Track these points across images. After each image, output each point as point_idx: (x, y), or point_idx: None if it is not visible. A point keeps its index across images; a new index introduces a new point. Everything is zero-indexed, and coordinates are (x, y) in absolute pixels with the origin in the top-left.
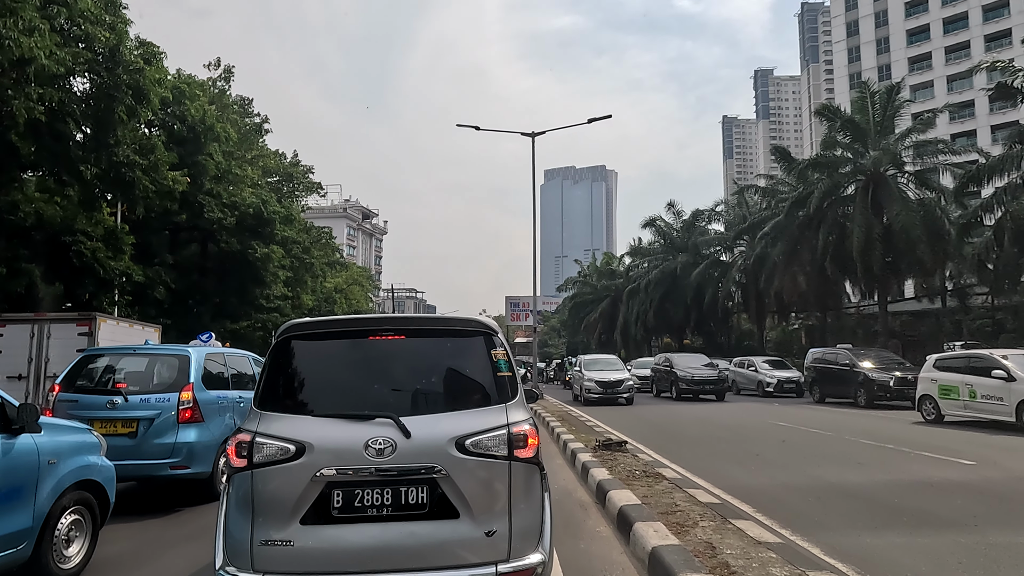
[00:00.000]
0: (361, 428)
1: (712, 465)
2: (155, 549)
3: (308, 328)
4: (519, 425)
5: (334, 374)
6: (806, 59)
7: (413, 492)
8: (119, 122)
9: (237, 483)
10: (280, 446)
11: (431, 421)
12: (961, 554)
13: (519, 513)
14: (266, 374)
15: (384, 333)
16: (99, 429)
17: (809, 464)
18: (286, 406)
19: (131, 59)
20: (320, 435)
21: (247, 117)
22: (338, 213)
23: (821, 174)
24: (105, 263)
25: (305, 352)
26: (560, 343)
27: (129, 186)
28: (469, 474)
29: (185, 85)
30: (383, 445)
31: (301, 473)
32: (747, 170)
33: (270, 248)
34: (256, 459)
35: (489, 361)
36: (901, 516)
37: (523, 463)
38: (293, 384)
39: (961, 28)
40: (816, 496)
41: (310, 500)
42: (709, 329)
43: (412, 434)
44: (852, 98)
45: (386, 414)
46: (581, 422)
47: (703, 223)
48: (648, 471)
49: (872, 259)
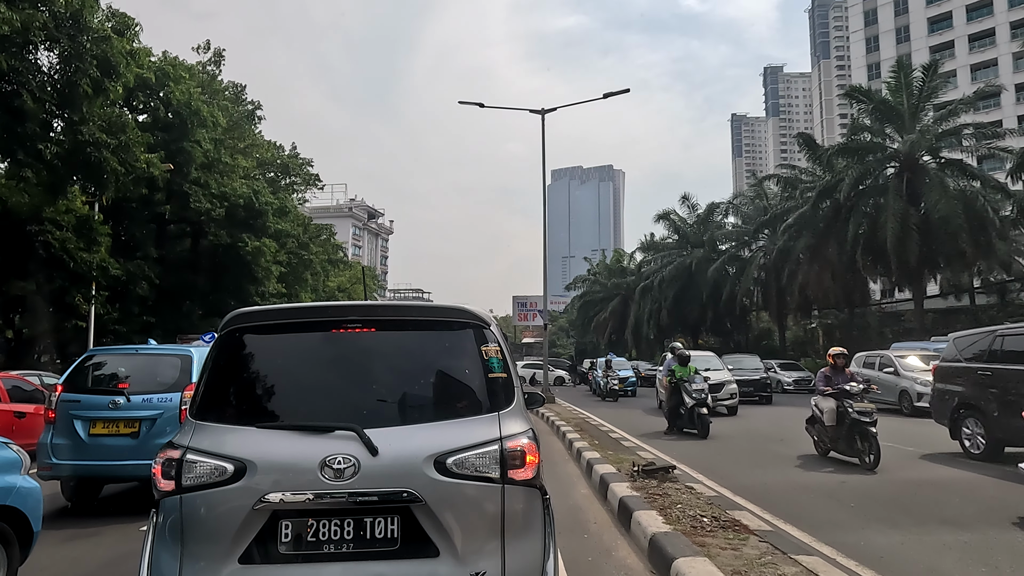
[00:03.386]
0: (317, 443)
1: (802, 502)
2: None
3: (258, 318)
4: (515, 439)
5: (288, 375)
6: (817, 55)
7: (381, 524)
8: (84, 97)
9: (165, 510)
10: (215, 465)
11: (404, 434)
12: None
13: (515, 550)
14: (206, 375)
15: (350, 325)
16: (102, 429)
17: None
18: (228, 415)
19: (97, 26)
20: (266, 452)
21: (240, 105)
22: (343, 212)
23: (851, 161)
24: (76, 255)
25: (254, 348)
26: (568, 343)
27: (96, 168)
28: (451, 501)
29: (170, 67)
30: (343, 464)
31: (241, 499)
32: (757, 168)
33: (262, 241)
34: (186, 481)
35: (479, 359)
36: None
37: (520, 487)
38: (237, 388)
39: (985, 15)
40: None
41: (252, 533)
42: (725, 328)
43: (380, 450)
44: (885, 79)
45: (348, 425)
46: (603, 432)
47: (719, 217)
48: (720, 516)
49: (908, 251)
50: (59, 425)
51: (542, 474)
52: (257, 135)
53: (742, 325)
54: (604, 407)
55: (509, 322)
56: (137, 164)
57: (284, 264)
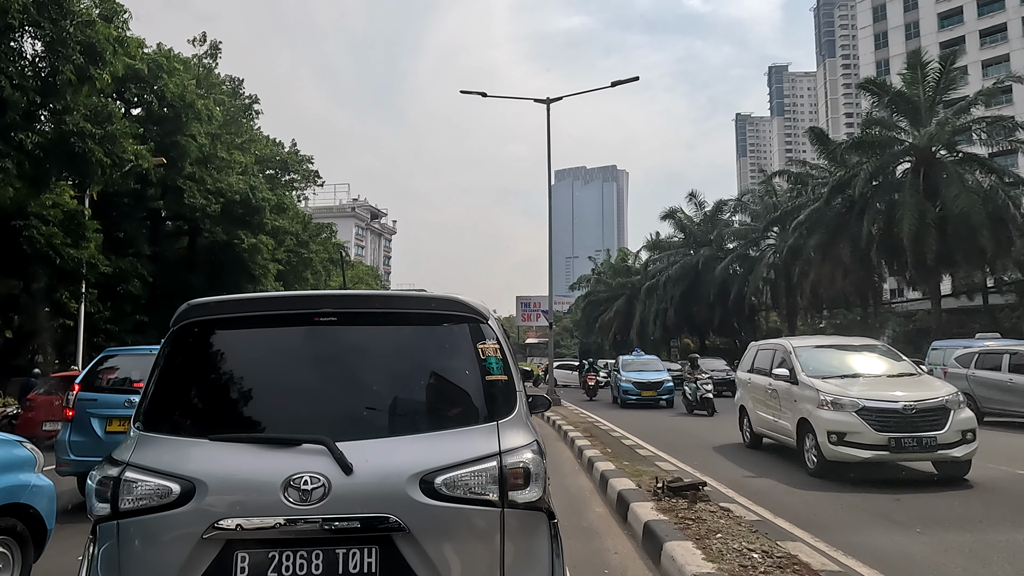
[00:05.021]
0: (281, 458)
1: (858, 527)
2: None
3: (217, 310)
4: (517, 453)
5: (250, 377)
6: (822, 54)
7: (356, 556)
8: (67, 84)
9: (101, 538)
10: (158, 484)
11: (385, 448)
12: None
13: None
14: (155, 377)
15: (324, 317)
16: (117, 426)
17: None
18: (177, 426)
19: (81, 10)
20: (219, 469)
21: (238, 99)
22: (346, 212)
23: (865, 155)
24: (63, 251)
25: (211, 345)
26: (573, 344)
27: (80, 159)
28: (441, 529)
29: (163, 59)
30: (311, 485)
31: (188, 526)
32: (762, 167)
33: (258, 238)
34: (123, 504)
35: (475, 359)
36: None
37: (523, 510)
38: (191, 392)
39: (997, 10)
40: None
41: (201, 567)
42: (733, 328)
43: (355, 468)
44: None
45: (318, 438)
46: (614, 438)
47: (727, 215)
48: (772, 551)
49: (925, 248)
50: (77, 423)
51: (549, 494)
52: (255, 130)
53: (750, 325)
54: (622, 412)
55: (513, 322)
56: (125, 155)
57: (283, 262)
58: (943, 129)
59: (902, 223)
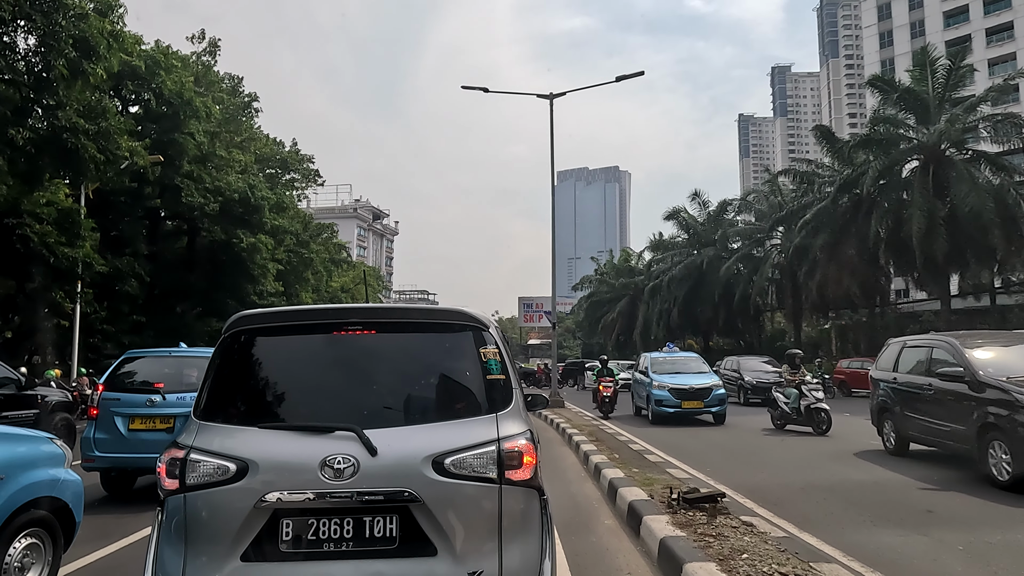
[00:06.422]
0: (318, 443)
1: (895, 545)
2: None
3: (261, 320)
4: (513, 440)
5: (290, 376)
6: (825, 54)
7: (380, 523)
8: (60, 79)
9: (170, 509)
10: (218, 464)
11: (403, 435)
12: None
13: (512, 550)
14: (211, 376)
15: (351, 327)
16: (140, 424)
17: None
18: (230, 416)
19: (73, 3)
20: (267, 451)
21: (237, 96)
22: (348, 213)
23: (872, 153)
24: (57, 250)
25: (257, 350)
26: (575, 345)
27: (73, 155)
28: (449, 501)
29: (161, 56)
30: (343, 464)
31: (243, 498)
32: (765, 167)
33: (257, 238)
34: (189, 480)
35: (478, 361)
36: None
37: (517, 487)
38: (241, 389)
39: (1003, 8)
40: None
41: (253, 532)
42: (737, 328)
43: (379, 451)
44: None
45: (348, 426)
46: (621, 442)
47: (731, 215)
48: (805, 575)
49: (935, 247)
50: (101, 421)
51: (540, 474)
52: (255, 129)
53: (755, 326)
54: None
55: (515, 323)
56: (119, 152)
57: (283, 262)
58: (953, 126)
59: (911, 222)
